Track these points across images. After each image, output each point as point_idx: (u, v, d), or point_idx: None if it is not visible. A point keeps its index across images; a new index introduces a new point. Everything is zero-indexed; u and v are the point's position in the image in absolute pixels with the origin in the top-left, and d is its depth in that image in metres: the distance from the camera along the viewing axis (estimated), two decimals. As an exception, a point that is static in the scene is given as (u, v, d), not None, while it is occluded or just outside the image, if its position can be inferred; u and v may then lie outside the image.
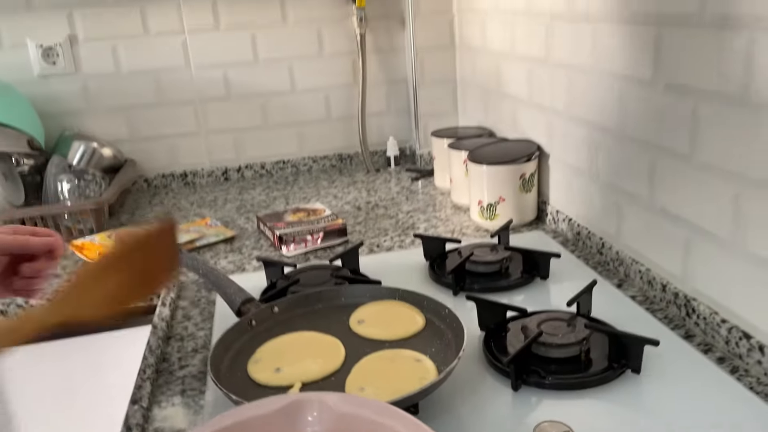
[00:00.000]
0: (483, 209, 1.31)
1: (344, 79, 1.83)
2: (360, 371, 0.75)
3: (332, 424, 0.51)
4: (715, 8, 0.78)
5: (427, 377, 0.72)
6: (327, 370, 0.76)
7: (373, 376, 0.74)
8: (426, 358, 0.76)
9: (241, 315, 0.91)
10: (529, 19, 1.30)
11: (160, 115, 1.76)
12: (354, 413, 0.51)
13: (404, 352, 0.78)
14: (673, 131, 0.89)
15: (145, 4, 1.67)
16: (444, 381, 0.71)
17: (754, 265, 0.78)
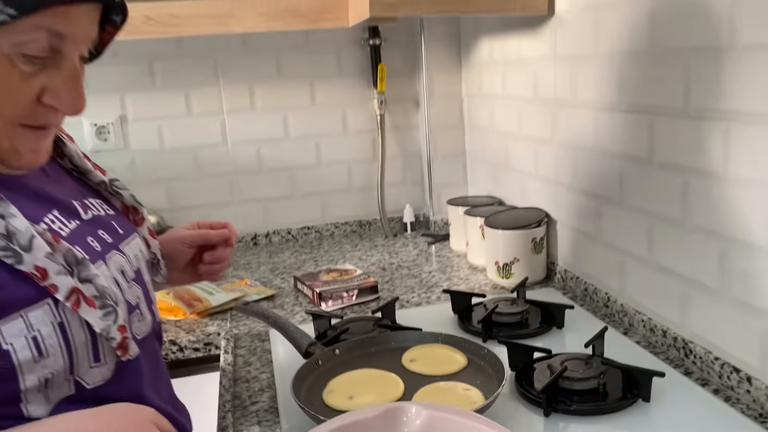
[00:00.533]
0: (500, 269, 1.48)
1: (365, 154, 2.03)
2: (420, 399, 0.90)
3: (424, 424, 0.66)
4: (698, 103, 0.98)
5: (477, 402, 0.87)
6: (391, 398, 0.90)
7: (432, 401, 0.89)
8: (474, 388, 0.91)
9: (308, 356, 1.06)
10: (535, 105, 1.51)
11: (197, 186, 1.94)
12: (442, 416, 0.66)
13: (454, 384, 0.93)
14: (668, 200, 1.08)
15: (189, 88, 1.88)
16: (492, 404, 0.86)
17: (739, 310, 0.95)
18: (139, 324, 0.78)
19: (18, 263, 0.62)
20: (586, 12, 1.25)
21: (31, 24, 0.60)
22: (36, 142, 0.68)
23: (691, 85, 0.99)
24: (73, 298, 0.65)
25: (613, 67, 1.18)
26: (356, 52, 1.96)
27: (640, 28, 1.09)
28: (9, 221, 0.62)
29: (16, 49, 0.61)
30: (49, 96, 0.65)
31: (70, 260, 0.67)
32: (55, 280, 0.64)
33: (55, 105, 0.65)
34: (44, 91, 0.64)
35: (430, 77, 1.94)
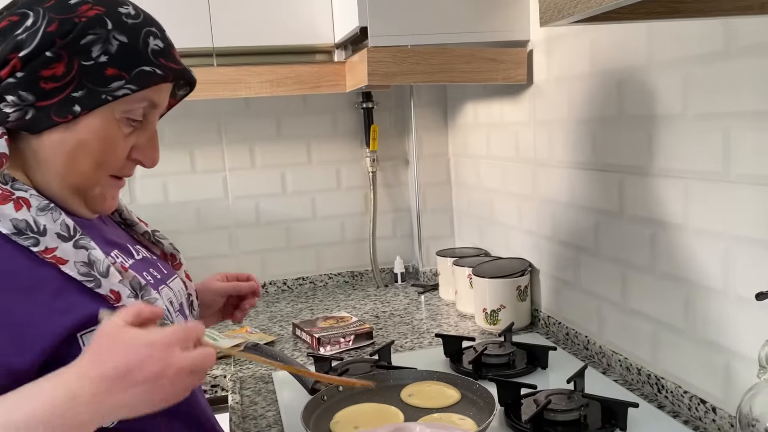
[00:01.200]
0: (487, 315, 1.59)
1: (358, 209, 2.15)
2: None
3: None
4: (660, 163, 1.12)
5: (471, 430, 0.96)
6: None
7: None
8: (467, 418, 1.01)
9: (314, 392, 1.15)
10: (517, 164, 1.65)
11: (199, 238, 2.04)
12: (442, 433, 0.75)
13: (449, 414, 1.03)
14: (638, 250, 1.20)
15: (194, 147, 2.00)
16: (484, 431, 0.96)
17: (704, 348, 1.06)
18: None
19: (97, 287, 0.74)
20: (561, 82, 1.40)
21: (140, 96, 0.77)
22: (115, 191, 0.83)
23: (654, 147, 1.13)
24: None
25: (586, 130, 1.32)
26: (350, 114, 2.11)
27: (609, 97, 1.24)
28: (90, 252, 0.75)
29: (124, 115, 0.77)
30: (136, 152, 0.81)
31: (135, 285, 0.79)
32: (126, 302, 0.76)
33: (140, 159, 0.82)
34: (134, 148, 0.81)
35: (419, 138, 2.08)
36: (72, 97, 0.74)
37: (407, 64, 1.43)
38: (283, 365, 0.89)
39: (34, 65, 0.72)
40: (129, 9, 0.78)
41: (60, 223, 0.74)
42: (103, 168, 0.79)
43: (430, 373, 1.18)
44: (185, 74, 0.82)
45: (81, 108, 0.74)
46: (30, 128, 0.75)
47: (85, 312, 0.72)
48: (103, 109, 0.75)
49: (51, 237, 0.72)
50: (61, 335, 0.71)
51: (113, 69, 0.74)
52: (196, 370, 0.67)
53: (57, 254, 0.72)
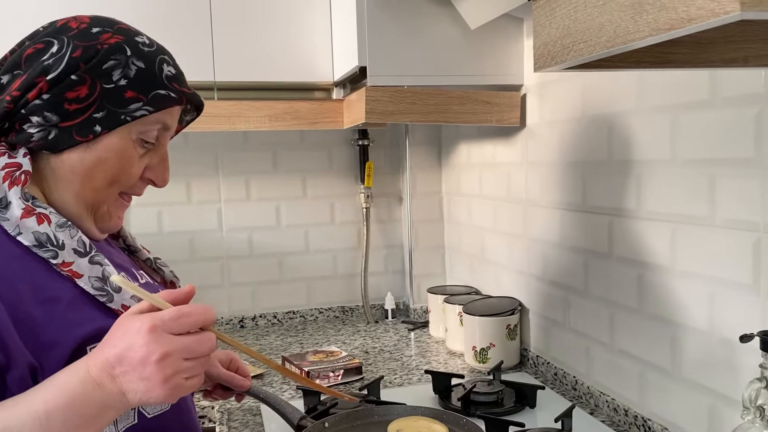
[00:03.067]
0: (477, 353, 1.59)
1: (350, 244, 2.17)
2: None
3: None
4: (648, 206, 1.15)
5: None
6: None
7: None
8: (458, 454, 1.01)
9: (299, 429, 1.14)
10: (509, 204, 1.68)
11: (190, 268, 2.04)
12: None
13: (440, 450, 1.03)
14: (625, 291, 1.22)
15: (191, 179, 2.02)
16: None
17: (689, 389, 1.07)
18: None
19: (109, 302, 0.78)
20: (553, 125, 1.44)
21: (155, 118, 0.83)
22: (121, 210, 0.88)
23: (642, 191, 1.16)
24: None
25: (577, 172, 1.36)
26: (346, 150, 2.14)
27: (599, 141, 1.28)
28: (104, 268, 0.79)
29: (139, 136, 0.83)
30: (149, 172, 0.86)
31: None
32: None
33: (152, 178, 0.87)
34: (146, 168, 0.86)
35: (413, 176, 2.11)
36: (93, 118, 0.79)
37: (404, 103, 1.47)
38: (268, 360, 0.88)
39: (59, 88, 0.77)
40: (144, 38, 0.84)
41: (77, 240, 0.78)
42: (116, 185, 0.83)
43: (415, 408, 1.18)
44: (195, 98, 0.88)
45: (102, 128, 0.79)
46: (52, 147, 0.79)
47: (96, 326, 0.75)
48: (122, 129, 0.80)
49: (68, 252, 0.76)
50: (73, 346, 0.73)
51: (132, 92, 0.80)
52: (189, 356, 0.67)
53: (73, 268, 0.76)
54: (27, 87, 0.77)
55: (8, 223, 0.75)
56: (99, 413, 0.67)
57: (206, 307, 0.70)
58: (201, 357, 0.68)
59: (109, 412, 0.68)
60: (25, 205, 0.76)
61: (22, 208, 0.75)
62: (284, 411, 1.20)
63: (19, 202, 0.75)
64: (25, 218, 0.75)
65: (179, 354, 0.66)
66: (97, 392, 0.66)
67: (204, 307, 0.70)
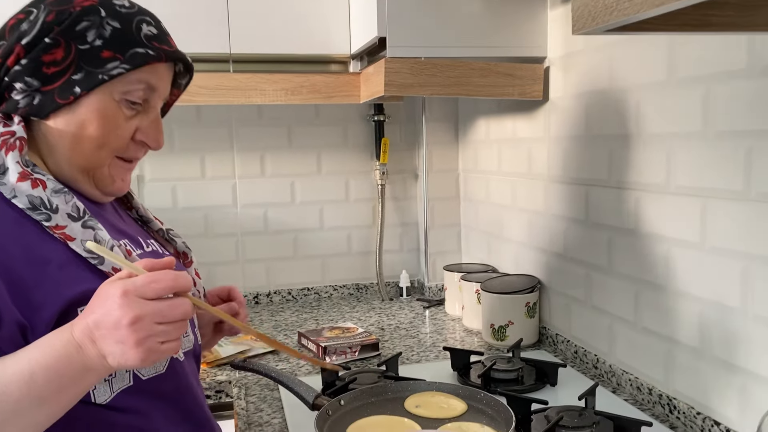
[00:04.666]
0: (495, 331, 1.57)
1: (365, 221, 2.15)
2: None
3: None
4: (678, 180, 1.12)
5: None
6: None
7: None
8: (487, 427, 1.00)
9: (314, 407, 1.13)
10: (529, 180, 1.65)
11: (205, 244, 2.03)
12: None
13: (469, 424, 1.01)
14: (652, 268, 1.19)
15: (205, 153, 2.00)
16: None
17: (719, 367, 1.05)
18: (183, 339, 0.89)
19: (100, 264, 0.79)
20: (578, 98, 1.40)
21: (135, 77, 0.82)
22: (125, 172, 0.88)
23: (672, 165, 1.12)
24: None
25: (603, 147, 1.32)
26: (362, 126, 2.11)
27: (627, 114, 1.24)
28: (97, 232, 0.80)
29: (123, 97, 0.83)
30: (141, 134, 0.86)
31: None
32: None
33: (144, 140, 0.87)
34: (137, 130, 0.86)
35: (429, 152, 2.08)
36: (72, 80, 0.80)
37: (424, 75, 1.43)
38: (258, 334, 0.87)
39: (36, 52, 0.79)
40: (123, 2, 0.84)
41: (71, 205, 0.79)
42: (107, 148, 0.83)
43: (429, 384, 1.16)
44: (178, 55, 0.86)
45: (81, 89, 0.80)
46: (38, 113, 0.81)
47: (86, 287, 0.76)
48: (102, 90, 0.81)
49: (62, 216, 0.78)
50: (61, 307, 0.75)
51: (108, 51, 0.80)
52: (161, 320, 0.69)
53: (66, 231, 0.78)
54: (6, 54, 0.79)
55: (5, 188, 0.77)
56: (80, 375, 0.69)
57: (178, 274, 0.71)
58: (174, 322, 0.70)
59: (90, 375, 0.70)
60: (22, 170, 0.77)
61: (19, 173, 0.77)
62: (299, 390, 1.18)
63: (16, 167, 0.77)
64: (20, 182, 0.77)
65: (150, 318, 0.68)
66: (79, 354, 0.69)
67: (175, 274, 0.71)
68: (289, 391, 1.22)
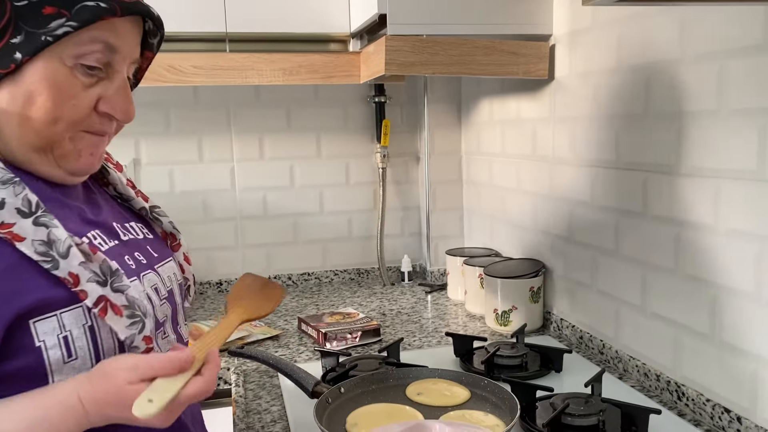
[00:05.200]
0: (498, 316, 1.54)
1: (366, 205, 2.11)
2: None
3: (447, 440, 0.71)
4: (689, 161, 1.08)
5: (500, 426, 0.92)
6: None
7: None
8: (491, 415, 0.97)
9: (314, 395, 1.10)
10: (533, 162, 1.61)
11: (203, 229, 2.00)
12: (463, 432, 0.71)
13: (472, 412, 0.99)
14: (660, 251, 1.16)
15: (202, 136, 1.96)
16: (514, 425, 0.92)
17: (729, 353, 1.02)
18: (162, 341, 0.82)
19: (54, 269, 0.68)
20: (584, 77, 1.36)
21: (88, 36, 0.70)
22: (94, 147, 0.76)
23: (683, 145, 1.09)
24: (101, 305, 0.71)
25: (610, 127, 1.28)
26: (362, 108, 2.07)
27: (636, 93, 1.20)
28: (51, 230, 0.69)
29: (77, 61, 0.71)
30: (104, 104, 0.74)
31: (105, 270, 0.72)
32: (86, 286, 0.70)
33: (109, 111, 0.75)
34: (100, 99, 0.74)
35: (431, 134, 2.04)
36: (11, 44, 0.68)
37: (425, 54, 1.39)
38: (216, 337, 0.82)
39: None
40: None
41: (22, 198, 0.69)
42: (63, 122, 0.72)
43: (431, 371, 1.13)
44: (139, 7, 0.74)
45: (22, 54, 0.68)
46: None
47: (39, 296, 0.68)
48: (49, 53, 0.69)
49: (9, 211, 0.68)
50: (9, 319, 0.66)
51: (51, 7, 0.68)
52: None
53: (14, 230, 0.67)
54: None
55: None
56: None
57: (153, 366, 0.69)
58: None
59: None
60: None
61: None
62: (298, 377, 1.16)
63: None
64: None
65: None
66: (77, 420, 0.69)
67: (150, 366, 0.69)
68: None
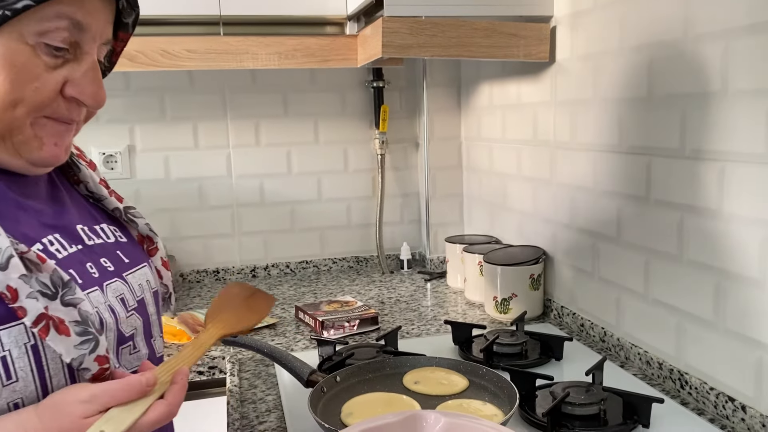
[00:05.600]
0: (498, 304, 1.52)
1: (364, 192, 2.09)
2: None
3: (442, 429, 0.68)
4: (693, 144, 1.05)
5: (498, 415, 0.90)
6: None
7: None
8: (489, 404, 0.95)
9: (309, 384, 1.08)
10: (534, 147, 1.58)
11: (199, 217, 1.97)
12: (459, 422, 0.69)
13: (470, 401, 0.96)
14: (663, 237, 1.13)
15: (198, 122, 1.93)
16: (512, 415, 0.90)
17: (733, 341, 0.99)
18: (129, 357, 0.75)
19: None
20: (586, 60, 1.33)
21: (52, 11, 0.63)
22: (59, 136, 0.69)
23: (687, 128, 1.06)
24: (42, 324, 0.62)
25: (612, 111, 1.25)
26: (360, 93, 2.04)
27: (639, 75, 1.17)
28: None
29: (40, 39, 0.64)
30: (71, 87, 0.67)
31: (56, 281, 0.64)
32: (25, 303, 0.61)
33: (76, 96, 0.67)
34: (67, 83, 0.67)
35: (431, 120, 2.01)
36: None
37: (423, 36, 1.36)
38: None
39: None
40: None
41: None
42: (22, 106, 0.65)
43: (429, 359, 1.11)
44: None
45: None
46: None
47: None
48: (8, 30, 0.62)
49: None
50: None
51: None
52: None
53: None
54: None
55: None
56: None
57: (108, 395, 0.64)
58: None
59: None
60: None
61: None
62: (293, 366, 1.13)
63: None
64: None
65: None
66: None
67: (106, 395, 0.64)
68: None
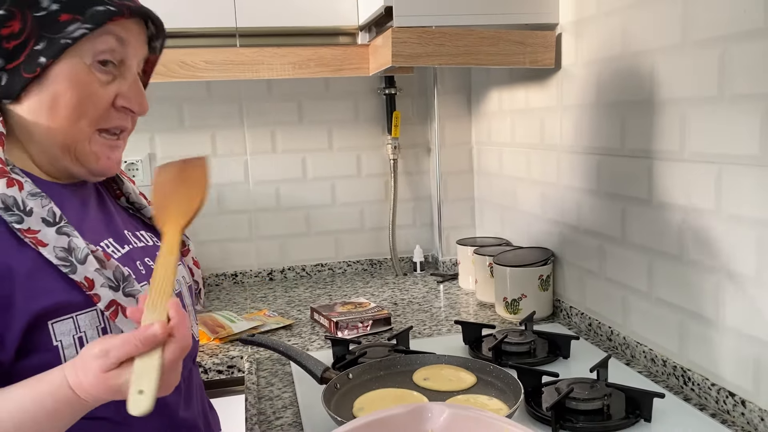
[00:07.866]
0: (508, 304, 1.56)
1: (377, 196, 2.13)
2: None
3: (448, 421, 0.73)
4: (693, 147, 1.08)
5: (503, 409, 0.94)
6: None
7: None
8: (495, 399, 0.99)
9: (323, 381, 1.13)
10: (542, 151, 1.62)
11: (217, 221, 2.03)
12: (463, 414, 0.73)
13: (476, 396, 1.01)
14: (665, 237, 1.17)
15: (216, 130, 1.99)
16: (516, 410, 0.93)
17: (734, 338, 1.02)
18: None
19: (72, 273, 0.75)
20: (590, 66, 1.37)
21: (101, 31, 0.77)
22: (111, 151, 0.83)
23: (687, 131, 1.09)
24: (113, 309, 0.77)
25: (616, 115, 1.29)
26: (373, 100, 2.09)
27: (640, 80, 1.20)
28: (71, 239, 0.76)
29: (95, 58, 0.78)
30: (121, 99, 0.81)
31: (118, 276, 0.79)
32: (99, 291, 0.76)
33: (126, 105, 0.82)
34: (117, 96, 0.81)
35: (442, 125, 2.05)
36: (36, 51, 0.75)
37: (432, 45, 1.40)
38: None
39: None
40: None
41: (47, 210, 0.76)
42: (85, 118, 0.79)
43: (438, 357, 1.15)
44: (143, 10, 0.82)
45: (46, 58, 0.75)
46: (9, 94, 0.77)
47: (57, 299, 0.74)
48: (70, 55, 0.77)
49: (36, 219, 0.74)
50: (29, 319, 0.73)
51: (66, 14, 0.76)
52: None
53: (38, 236, 0.74)
54: None
55: None
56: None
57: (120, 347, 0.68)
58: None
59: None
60: (0, 167, 0.74)
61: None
62: (307, 364, 1.18)
63: None
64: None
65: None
66: (68, 403, 0.70)
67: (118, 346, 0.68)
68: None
